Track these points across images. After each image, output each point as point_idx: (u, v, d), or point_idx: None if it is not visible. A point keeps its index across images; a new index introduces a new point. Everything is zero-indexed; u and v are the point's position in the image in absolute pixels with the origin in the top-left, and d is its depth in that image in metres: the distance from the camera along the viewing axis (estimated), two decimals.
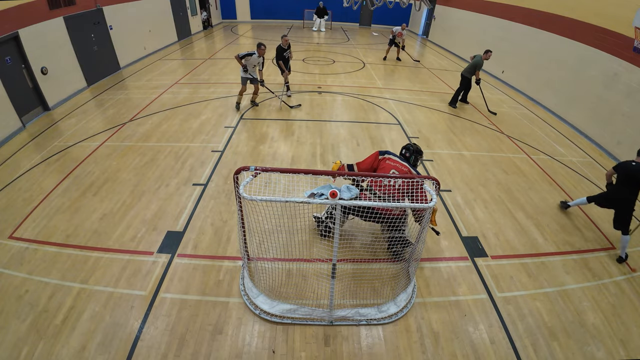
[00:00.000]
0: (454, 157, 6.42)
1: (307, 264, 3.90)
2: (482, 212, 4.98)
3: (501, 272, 4.01)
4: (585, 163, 6.61)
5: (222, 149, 6.33)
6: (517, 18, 10.65)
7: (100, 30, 9.74)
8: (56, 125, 7.10)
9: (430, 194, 3.11)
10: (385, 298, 3.53)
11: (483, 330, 3.33)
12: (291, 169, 2.87)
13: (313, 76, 10.88)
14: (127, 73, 10.63)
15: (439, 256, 4.20)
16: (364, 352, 3.09)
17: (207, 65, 11.74)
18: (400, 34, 12.55)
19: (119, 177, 5.37)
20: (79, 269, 3.75)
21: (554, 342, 3.26)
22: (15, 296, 3.42)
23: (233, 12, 21.20)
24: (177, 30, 14.88)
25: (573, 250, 4.41)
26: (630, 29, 6.51)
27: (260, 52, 7.43)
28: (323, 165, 5.99)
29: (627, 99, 6.57)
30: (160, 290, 3.55)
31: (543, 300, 3.68)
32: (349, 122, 7.68)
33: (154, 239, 4.20)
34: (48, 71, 7.55)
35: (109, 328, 3.15)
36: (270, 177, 3.79)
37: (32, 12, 7.20)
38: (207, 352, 3.01)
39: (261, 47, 7.44)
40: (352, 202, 2.75)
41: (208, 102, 8.38)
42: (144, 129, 6.95)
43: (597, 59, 7.42)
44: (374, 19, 21.67)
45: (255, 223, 3.21)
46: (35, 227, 4.32)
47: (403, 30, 12.51)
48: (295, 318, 3.31)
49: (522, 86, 10.35)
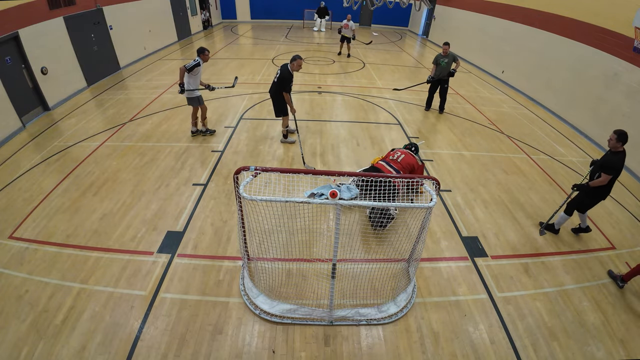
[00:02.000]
0: (454, 157, 6.42)
1: (307, 264, 3.90)
2: (482, 212, 4.98)
3: (501, 272, 4.01)
4: (585, 163, 6.60)
5: (222, 149, 6.33)
6: (517, 18, 10.64)
7: (100, 30, 9.74)
8: (56, 125, 7.10)
9: (430, 194, 3.11)
10: (385, 298, 3.53)
11: (483, 330, 3.33)
12: (291, 169, 2.87)
13: (313, 76, 10.87)
14: (127, 73, 10.63)
15: (439, 256, 4.20)
16: (364, 352, 3.09)
17: (207, 65, 11.70)
18: (346, 26, 12.73)
19: (119, 177, 5.37)
20: (79, 269, 3.75)
21: (554, 342, 3.26)
22: (15, 296, 3.42)
23: (233, 12, 21.20)
24: (177, 30, 14.88)
25: (573, 250, 4.41)
26: (630, 29, 6.51)
27: (205, 58, 6.06)
28: (323, 165, 5.99)
29: (627, 99, 6.57)
30: (160, 290, 3.55)
31: (543, 300, 3.68)
32: (349, 122, 7.68)
33: (154, 239, 4.20)
34: (48, 71, 7.55)
35: (109, 328, 3.15)
36: (270, 177, 3.79)
37: (32, 12, 7.20)
38: (207, 352, 3.01)
39: (205, 53, 6.03)
40: (352, 202, 2.75)
41: (208, 102, 8.36)
42: (144, 129, 6.95)
43: (597, 59, 7.42)
44: (374, 19, 21.65)
45: (255, 223, 3.21)
46: (35, 227, 4.32)
47: (348, 21, 12.72)
48: (295, 318, 3.31)
49: (522, 86, 10.35)
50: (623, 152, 3.92)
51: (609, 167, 3.89)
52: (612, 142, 3.90)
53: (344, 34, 13.00)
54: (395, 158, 5.04)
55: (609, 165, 3.90)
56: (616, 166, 3.89)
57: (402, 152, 5.13)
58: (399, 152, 5.16)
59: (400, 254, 3.98)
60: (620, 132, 3.84)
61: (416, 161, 5.15)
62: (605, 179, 3.92)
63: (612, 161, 3.90)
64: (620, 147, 3.88)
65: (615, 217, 5.11)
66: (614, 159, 3.90)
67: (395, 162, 4.97)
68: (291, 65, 5.85)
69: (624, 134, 3.83)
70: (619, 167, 3.91)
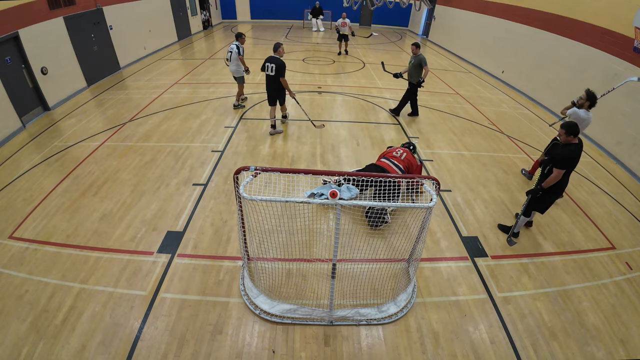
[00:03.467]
0: (454, 157, 6.42)
1: (307, 264, 3.90)
2: (482, 212, 4.98)
3: (501, 272, 4.01)
4: (585, 163, 6.61)
5: (222, 149, 6.33)
6: (517, 18, 10.64)
7: (100, 30, 9.74)
8: (56, 125, 7.10)
9: (430, 193, 3.11)
10: (385, 298, 3.53)
11: (483, 330, 3.33)
12: (291, 169, 2.87)
13: (313, 76, 10.87)
14: (127, 73, 10.63)
15: (439, 256, 4.20)
16: (364, 352, 3.09)
17: (207, 65, 11.74)
18: (343, 24, 12.95)
19: (119, 177, 5.37)
20: (79, 269, 3.75)
21: (554, 342, 3.26)
22: (15, 296, 3.42)
23: (233, 12, 21.21)
24: (177, 30, 14.88)
25: (573, 250, 4.41)
26: (630, 29, 6.51)
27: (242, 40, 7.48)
28: (323, 165, 5.99)
29: (627, 99, 6.57)
30: (160, 290, 3.55)
31: (543, 300, 3.68)
32: (349, 122, 7.68)
33: (154, 239, 4.20)
34: (48, 71, 7.55)
35: (109, 328, 3.15)
36: (270, 177, 3.79)
37: (32, 12, 7.21)
38: (207, 352, 3.01)
39: (242, 37, 7.47)
40: (352, 202, 2.75)
41: (208, 102, 8.38)
42: (144, 129, 6.95)
43: (597, 59, 7.42)
44: (374, 19, 21.66)
45: (255, 223, 3.21)
46: (35, 227, 4.32)
47: (345, 19, 12.94)
48: (295, 318, 3.30)
49: (522, 86, 10.35)
50: (577, 144, 3.72)
51: (560, 160, 3.68)
52: (562, 137, 3.73)
53: (342, 32, 13.18)
54: (398, 155, 5.01)
55: (559, 158, 3.69)
56: (568, 158, 3.69)
57: (404, 150, 5.10)
58: (400, 149, 5.12)
59: (400, 254, 3.98)
60: (568, 125, 3.65)
61: (416, 161, 5.17)
62: (558, 174, 3.70)
63: (563, 154, 3.69)
64: (572, 139, 3.69)
65: (615, 217, 5.11)
66: (565, 151, 3.69)
67: (399, 159, 4.95)
68: (278, 53, 6.50)
69: (572, 125, 3.63)
70: (572, 159, 3.71)
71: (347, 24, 12.96)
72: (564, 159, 3.69)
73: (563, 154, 3.70)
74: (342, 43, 13.67)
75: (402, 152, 5.05)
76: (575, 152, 3.72)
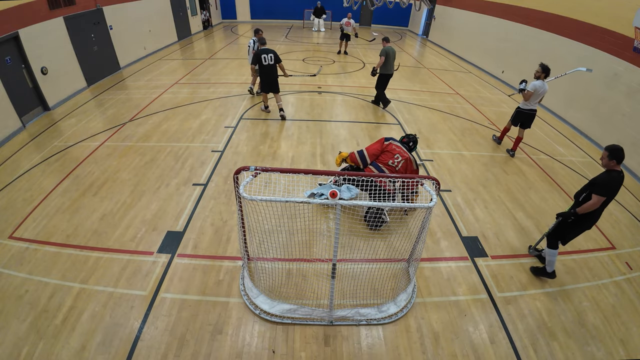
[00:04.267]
0: (454, 157, 6.42)
1: (307, 264, 3.90)
2: (482, 212, 4.98)
3: (501, 272, 4.01)
4: (585, 163, 6.61)
5: (222, 149, 6.33)
6: (517, 18, 10.64)
7: (100, 30, 9.74)
8: (56, 125, 7.10)
9: (430, 194, 3.11)
10: (385, 298, 3.53)
11: (483, 330, 3.33)
12: (291, 169, 2.87)
13: (313, 76, 10.86)
14: (127, 73, 10.63)
15: (439, 256, 4.20)
16: (364, 352, 3.09)
17: (207, 65, 11.74)
18: (347, 24, 13.06)
19: (119, 177, 5.37)
20: (79, 269, 3.75)
21: (554, 342, 3.26)
22: (15, 296, 3.42)
23: (233, 12, 21.20)
24: (177, 30, 14.88)
25: (573, 250, 4.41)
26: (630, 29, 6.51)
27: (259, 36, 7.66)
28: (323, 165, 5.99)
29: (627, 99, 6.57)
30: (160, 290, 3.55)
31: (543, 300, 3.68)
32: (349, 122, 7.68)
33: (154, 239, 4.20)
34: (48, 71, 7.55)
35: (109, 328, 3.15)
36: (270, 177, 3.79)
37: (32, 12, 7.20)
38: (207, 352, 3.01)
39: (260, 32, 7.76)
40: (352, 202, 2.75)
41: (208, 102, 8.38)
42: (144, 129, 6.95)
43: (597, 59, 7.41)
44: (374, 19, 21.66)
45: (255, 223, 3.21)
46: (35, 227, 4.32)
47: (349, 19, 13.07)
48: (295, 318, 3.30)
49: None
50: (620, 172, 3.28)
51: (601, 184, 3.26)
52: (604, 160, 3.29)
53: (346, 31, 13.24)
54: (394, 165, 4.39)
55: (601, 183, 3.27)
56: (610, 186, 3.25)
57: (402, 156, 4.42)
58: (399, 155, 4.43)
59: (400, 254, 3.98)
60: (612, 148, 3.20)
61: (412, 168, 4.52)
62: (597, 201, 3.26)
63: (605, 179, 3.27)
64: (614, 165, 3.25)
65: (615, 217, 5.11)
66: (608, 177, 3.28)
67: (393, 170, 4.38)
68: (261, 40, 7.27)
69: (617, 150, 3.19)
70: (614, 188, 3.27)
71: (351, 24, 13.02)
72: (605, 184, 3.25)
73: (605, 179, 3.27)
74: (344, 42, 13.71)
75: (400, 160, 4.40)
76: (618, 180, 3.28)
